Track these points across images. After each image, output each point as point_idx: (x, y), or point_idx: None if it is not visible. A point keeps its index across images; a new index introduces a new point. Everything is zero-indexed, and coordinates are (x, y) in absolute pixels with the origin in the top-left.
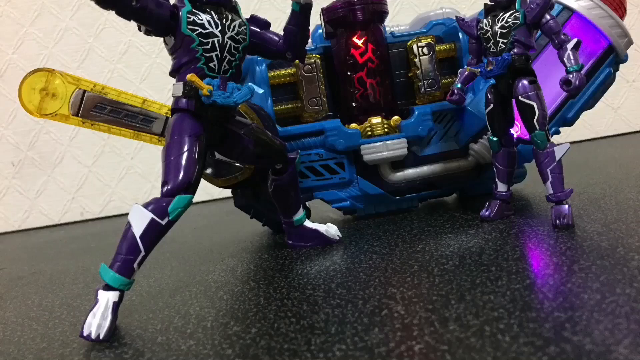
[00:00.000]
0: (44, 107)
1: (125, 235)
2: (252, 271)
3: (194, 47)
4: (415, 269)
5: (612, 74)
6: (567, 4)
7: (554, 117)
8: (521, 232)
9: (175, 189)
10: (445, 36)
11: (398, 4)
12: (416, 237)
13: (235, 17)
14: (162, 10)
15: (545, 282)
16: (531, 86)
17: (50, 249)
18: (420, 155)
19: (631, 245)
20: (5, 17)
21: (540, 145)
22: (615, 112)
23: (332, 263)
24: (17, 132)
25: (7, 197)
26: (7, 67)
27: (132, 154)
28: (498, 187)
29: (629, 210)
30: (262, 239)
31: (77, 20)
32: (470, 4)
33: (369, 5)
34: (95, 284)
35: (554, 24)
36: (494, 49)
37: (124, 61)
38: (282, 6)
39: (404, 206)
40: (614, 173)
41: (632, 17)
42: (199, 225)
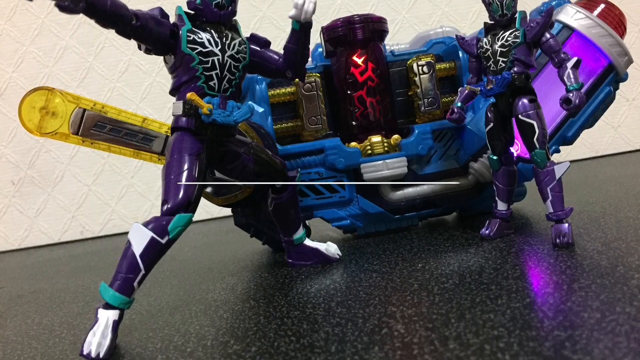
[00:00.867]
0: (44, 125)
1: (125, 253)
2: (252, 290)
3: (194, 66)
4: (415, 288)
5: (612, 92)
6: (567, 23)
7: (554, 135)
8: (521, 250)
9: (175, 207)
10: (445, 55)
11: (398, 23)
12: (416, 255)
13: (235, 36)
14: (162, 28)
15: (545, 300)
16: (531, 105)
17: (50, 268)
18: (420, 173)
19: (631, 264)
20: (5, 35)
21: (540, 164)
22: (615, 130)
23: (332, 282)
24: (17, 150)
25: (7, 216)
26: (7, 86)
27: (132, 173)
28: (498, 206)
29: (629, 229)
30: (262, 257)
31: (77, 39)
32: (470, 23)
33: (369, 24)
34: (95, 302)
35: (554, 42)
36: (494, 67)
37: (123, 80)
38: (282, 25)
39: (404, 225)
40: (614, 192)
41: (631, 35)
42: (198, 244)
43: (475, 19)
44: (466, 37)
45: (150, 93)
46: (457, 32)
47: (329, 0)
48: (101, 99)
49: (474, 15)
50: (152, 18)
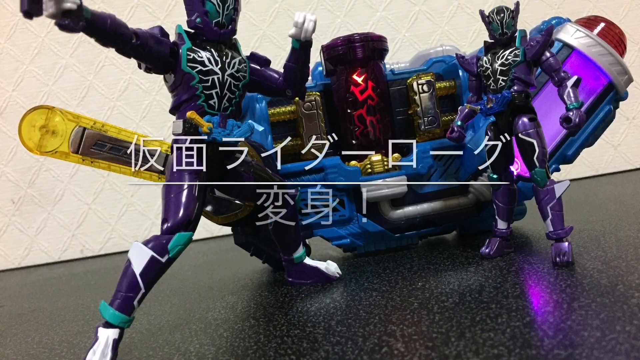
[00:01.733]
0: (44, 144)
1: (125, 272)
2: (252, 308)
3: (194, 85)
4: (415, 307)
5: (612, 111)
6: (567, 41)
7: (554, 154)
8: (521, 269)
9: (175, 226)
10: (445, 73)
11: (398, 42)
12: (416, 274)
13: (235, 55)
14: (162, 47)
15: (545, 319)
16: (531, 123)
17: (50, 287)
18: (420, 192)
19: (631, 282)
20: (5, 54)
21: (540, 183)
22: (615, 149)
23: (332, 300)
24: (17, 169)
25: (7, 235)
26: (7, 105)
27: (132, 192)
28: (498, 225)
29: (629, 248)
30: (262, 276)
31: (77, 58)
32: (470, 41)
33: (369, 42)
34: (95, 321)
35: (554, 61)
36: (494, 86)
37: (123, 98)
38: (282, 43)
39: (404, 243)
40: (614, 210)
41: (632, 54)
42: (199, 262)
43: (475, 37)
44: (466, 55)
45: (150, 112)
46: (457, 50)
47: (329, 19)
48: (101, 118)
49: (474, 34)
50: (152, 37)
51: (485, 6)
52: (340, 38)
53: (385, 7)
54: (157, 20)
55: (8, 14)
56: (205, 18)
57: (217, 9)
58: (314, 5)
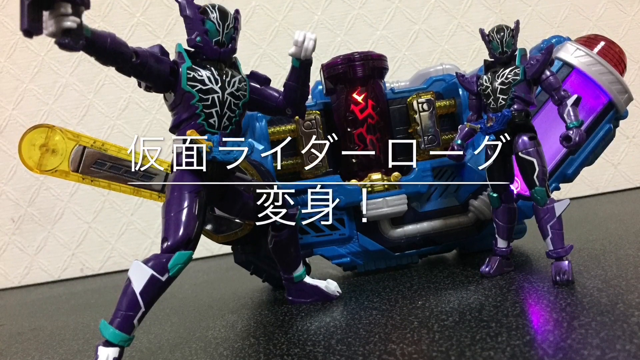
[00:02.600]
0: (44, 163)
1: (125, 291)
2: (252, 327)
3: (193, 104)
4: (415, 325)
5: (612, 130)
6: (567, 60)
7: (554, 173)
8: (521, 288)
9: (175, 245)
10: (445, 92)
11: (398, 60)
12: (416, 293)
13: (235, 73)
14: (162, 66)
15: (545, 338)
16: (531, 142)
17: (50, 305)
18: (420, 211)
19: (631, 301)
20: (5, 73)
21: (540, 202)
22: (615, 168)
23: (332, 319)
24: (17, 188)
25: (7, 253)
26: (7, 123)
27: (132, 210)
28: (498, 243)
29: (629, 267)
30: (262, 295)
31: (77, 76)
32: (470, 60)
33: (369, 61)
34: (95, 340)
35: (554, 80)
36: (494, 105)
37: (123, 117)
38: (282, 62)
39: (404, 262)
40: (614, 229)
41: (631, 73)
42: (198, 281)
43: (475, 56)
44: (466, 74)
45: (150, 130)
46: (457, 69)
47: (329, 38)
48: (101, 137)
49: (474, 53)
50: (152, 55)
51: (485, 25)
52: (341, 57)
53: (385, 26)
54: (157, 39)
55: (8, 32)
56: (205, 37)
57: (217, 27)
58: (314, 24)
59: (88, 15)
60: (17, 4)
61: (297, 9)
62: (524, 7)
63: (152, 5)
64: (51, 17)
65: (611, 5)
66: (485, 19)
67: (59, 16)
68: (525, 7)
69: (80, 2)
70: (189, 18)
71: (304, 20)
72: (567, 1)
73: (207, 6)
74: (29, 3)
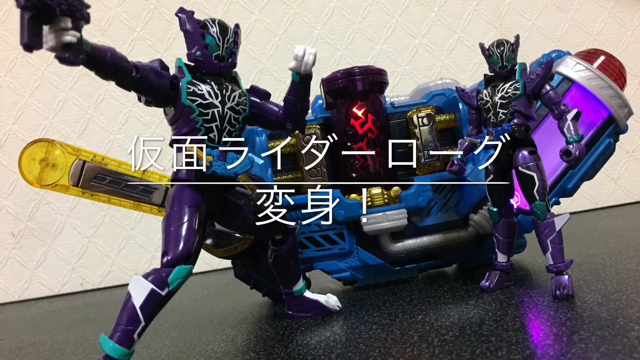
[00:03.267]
0: (44, 177)
1: (125, 305)
2: (252, 342)
3: (194, 118)
4: (415, 340)
5: (612, 144)
6: (567, 75)
7: (554, 187)
8: (521, 302)
9: (175, 259)
10: (445, 106)
11: (398, 75)
12: (416, 307)
13: (235, 88)
14: (162, 80)
15: (545, 352)
16: (531, 157)
17: (50, 320)
18: (420, 225)
19: (631, 315)
20: (5, 87)
21: (540, 216)
22: (615, 182)
23: (332, 333)
24: (17, 202)
25: (6, 268)
26: (7, 138)
27: (132, 225)
28: (498, 258)
29: (629, 281)
30: (262, 309)
31: (77, 91)
32: (470, 75)
33: (369, 75)
34: (95, 354)
35: (554, 94)
36: (494, 119)
37: (124, 131)
38: (282, 77)
39: (404, 277)
40: (614, 243)
41: (631, 87)
42: (198, 296)
43: (475, 70)
44: (466, 89)
45: None
46: (457, 83)
47: (329, 52)
48: (101, 151)
49: (474, 67)
50: (152, 70)
51: (485, 39)
52: (340, 71)
53: (385, 40)
54: (157, 53)
55: (8, 47)
56: (205, 51)
57: (217, 42)
58: (314, 39)
59: (88, 29)
60: (17, 18)
61: (297, 23)
62: (524, 22)
63: (152, 20)
64: (51, 32)
65: (611, 20)
66: (485, 34)
67: (59, 30)
68: (525, 21)
69: (80, 17)
70: (189, 32)
71: (304, 34)
72: (567, 16)
73: (207, 20)
74: (29, 17)
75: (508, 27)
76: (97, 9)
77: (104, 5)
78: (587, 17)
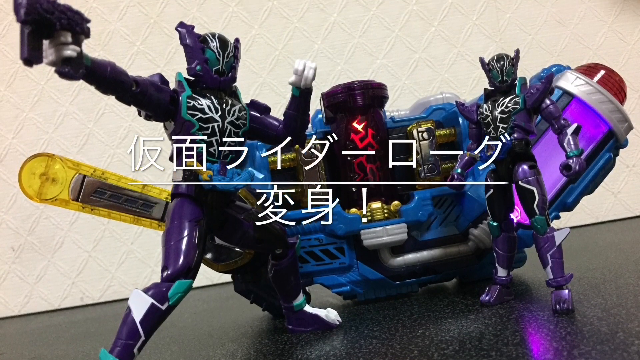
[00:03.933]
0: (44, 192)
1: (125, 320)
2: (252, 356)
3: (193, 132)
4: (415, 354)
5: (612, 158)
6: (567, 89)
7: (554, 202)
8: (521, 317)
9: (175, 273)
10: (445, 121)
11: (398, 89)
12: (416, 321)
13: (235, 102)
14: (162, 95)
15: None
16: (531, 171)
17: (50, 334)
18: (420, 240)
19: (631, 330)
20: (5, 102)
21: (540, 230)
22: (615, 197)
23: (332, 348)
24: (17, 217)
25: (6, 282)
26: (7, 152)
27: (132, 239)
28: (498, 272)
29: (629, 295)
30: (262, 323)
31: (76, 105)
32: (470, 89)
33: (369, 90)
34: None
35: (554, 108)
36: (494, 133)
37: (123, 146)
38: (282, 91)
39: (404, 291)
40: (614, 258)
41: (632, 102)
42: (198, 310)
43: (475, 85)
44: (466, 103)
45: None
46: (457, 98)
47: (329, 67)
48: (101, 165)
49: (474, 82)
50: (152, 84)
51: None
52: (340, 85)
53: (385, 55)
54: (157, 67)
55: (8, 61)
56: (205, 66)
57: (217, 56)
58: (314, 53)
59: (88, 44)
60: (17, 33)
61: (297, 37)
62: (524, 36)
63: (152, 34)
64: (51, 46)
65: (611, 34)
66: (485, 48)
67: (59, 45)
68: (525, 36)
69: (80, 31)
70: (189, 47)
71: (304, 49)
72: (567, 30)
73: (207, 35)
74: (29, 32)
75: (508, 42)
76: (97, 23)
77: (104, 19)
78: (587, 31)
